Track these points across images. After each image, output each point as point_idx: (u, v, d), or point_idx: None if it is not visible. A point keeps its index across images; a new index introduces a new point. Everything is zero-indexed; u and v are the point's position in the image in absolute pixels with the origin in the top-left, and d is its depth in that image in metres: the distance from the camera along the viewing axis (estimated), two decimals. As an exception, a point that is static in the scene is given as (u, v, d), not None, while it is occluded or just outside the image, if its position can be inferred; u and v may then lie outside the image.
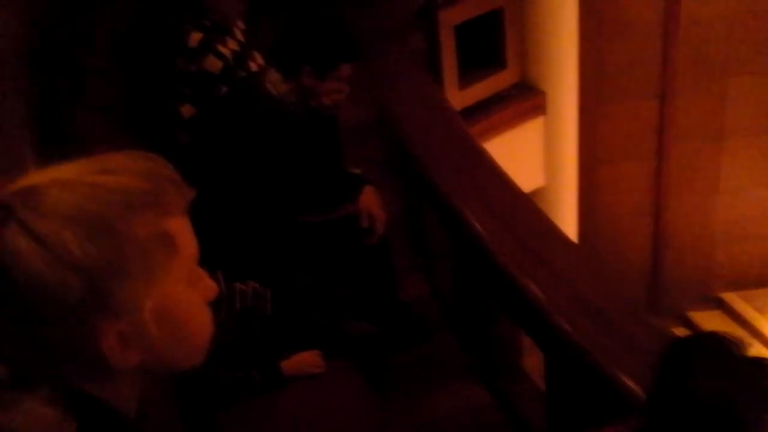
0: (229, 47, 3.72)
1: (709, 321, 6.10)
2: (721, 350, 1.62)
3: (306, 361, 2.86)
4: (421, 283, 3.81)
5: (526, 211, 3.05)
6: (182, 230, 1.07)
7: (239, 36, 3.82)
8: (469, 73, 4.86)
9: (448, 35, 4.63)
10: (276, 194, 3.00)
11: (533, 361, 3.27)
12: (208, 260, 1.16)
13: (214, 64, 3.62)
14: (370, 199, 3.17)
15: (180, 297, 1.07)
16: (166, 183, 1.06)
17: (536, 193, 5.17)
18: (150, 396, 1.17)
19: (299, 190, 3.06)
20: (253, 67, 3.80)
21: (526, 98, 5.13)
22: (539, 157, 5.25)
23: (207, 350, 1.13)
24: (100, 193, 1.00)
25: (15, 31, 2.85)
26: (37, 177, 1.02)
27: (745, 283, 6.30)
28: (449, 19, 4.64)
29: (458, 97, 4.70)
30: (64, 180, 1.01)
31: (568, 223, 5.45)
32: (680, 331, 4.96)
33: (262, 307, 2.78)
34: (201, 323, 1.12)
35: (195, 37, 3.60)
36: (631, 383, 2.20)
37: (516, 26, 5.04)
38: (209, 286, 1.13)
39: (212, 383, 2.68)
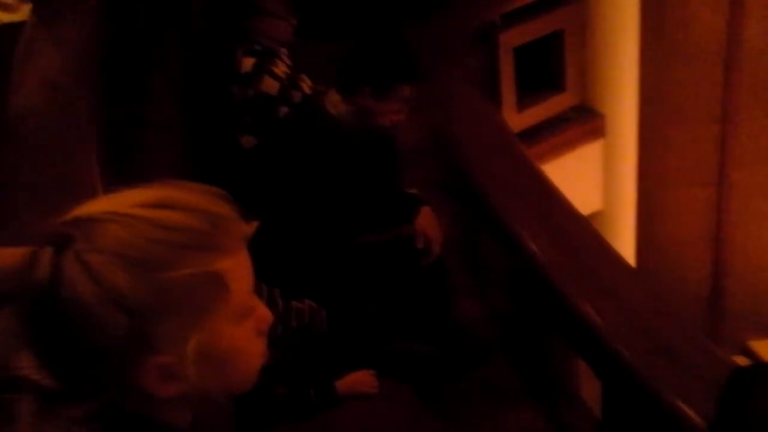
0: (281, 69, 3.77)
1: (770, 350, 5.98)
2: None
3: (360, 380, 2.86)
4: (477, 306, 3.78)
5: (585, 235, 3.02)
6: (236, 268, 1.06)
7: (286, 59, 3.87)
8: (527, 95, 4.85)
9: (507, 57, 4.62)
10: (334, 214, 3.01)
11: (590, 389, 3.23)
12: (265, 277, 1.16)
13: (271, 84, 3.66)
14: (426, 220, 3.16)
15: (227, 333, 1.06)
16: (224, 222, 1.05)
17: (594, 216, 5.12)
18: (205, 409, 1.17)
19: (357, 211, 3.07)
20: (305, 88, 3.85)
21: (585, 121, 5.09)
22: (597, 181, 5.20)
23: (256, 376, 1.12)
24: (155, 231, 1.00)
25: (88, 51, 2.91)
26: (99, 207, 1.03)
27: (807, 312, 6.16)
28: (509, 41, 4.63)
29: (516, 120, 4.68)
30: (123, 214, 1.01)
31: (626, 248, 5.38)
32: (740, 360, 4.86)
33: (318, 325, 2.78)
34: (249, 356, 1.11)
35: (247, 63, 3.66)
36: (691, 412, 2.16)
37: (576, 49, 5.01)
38: (263, 317, 1.11)
39: (267, 400, 2.69)
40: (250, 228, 1.08)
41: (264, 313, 1.11)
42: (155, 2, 4.59)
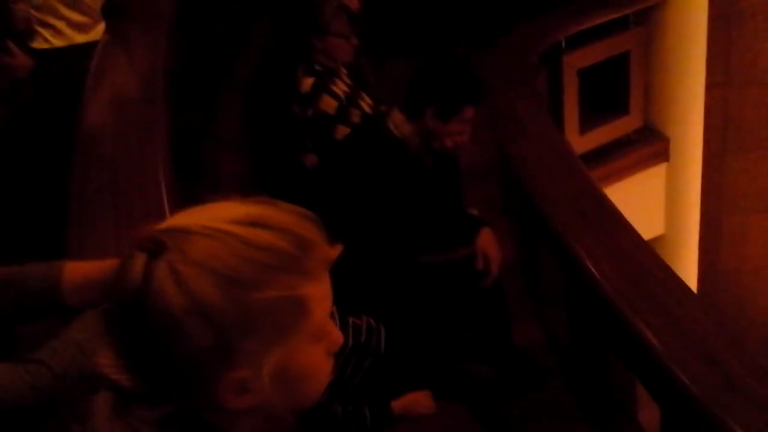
0: (340, 88, 3.82)
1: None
2: None
3: (417, 401, 2.85)
4: (536, 328, 3.77)
5: (646, 260, 2.99)
6: (319, 293, 1.08)
7: (346, 78, 3.91)
8: (591, 117, 4.84)
9: (571, 79, 4.62)
10: (395, 234, 3.03)
11: (649, 414, 3.19)
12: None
13: (329, 103, 3.71)
14: (486, 242, 3.16)
15: (302, 354, 1.08)
16: (313, 246, 1.07)
17: (656, 241, 5.07)
18: (271, 424, 1.20)
19: (418, 231, 3.09)
20: (364, 107, 3.89)
21: (649, 144, 5.06)
22: (660, 205, 5.15)
23: (322, 395, 1.15)
24: (247, 249, 1.02)
25: (160, 68, 2.98)
26: (193, 219, 1.06)
27: None
28: (573, 63, 4.63)
29: (579, 142, 4.67)
30: (216, 228, 1.03)
31: (688, 274, 5.31)
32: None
33: (375, 343, 2.80)
34: (319, 375, 1.13)
35: (307, 82, 3.71)
36: (752, 441, 2.13)
37: (641, 71, 4.99)
38: (335, 339, 1.13)
39: (324, 417, 2.71)
40: (335, 252, 1.10)
41: (337, 336, 1.14)
42: (228, 21, 4.70)
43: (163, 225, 1.06)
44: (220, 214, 1.06)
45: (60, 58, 3.71)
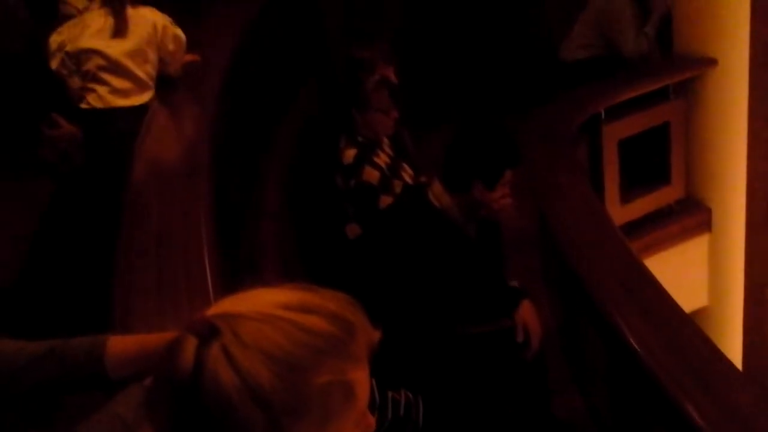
0: (382, 159, 3.87)
1: None
2: None
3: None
4: (578, 399, 3.73)
5: (688, 333, 2.96)
6: (363, 378, 1.10)
7: (387, 149, 3.96)
8: (632, 187, 4.83)
9: (611, 149, 4.63)
10: (436, 304, 3.03)
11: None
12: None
13: (371, 174, 3.76)
14: (527, 314, 3.15)
15: None
16: (357, 331, 1.10)
17: (698, 313, 5.01)
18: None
19: (459, 302, 3.09)
20: (406, 177, 3.94)
21: (691, 214, 5.03)
22: (703, 277, 5.10)
23: None
24: (299, 334, 1.05)
25: (206, 138, 3.05)
26: (245, 305, 1.08)
27: None
28: (614, 133, 4.65)
29: (620, 212, 4.66)
30: (268, 313, 1.06)
31: (732, 347, 5.22)
32: None
33: (414, 417, 2.79)
34: None
35: (350, 153, 3.78)
36: None
37: (682, 141, 4.99)
38: (370, 424, 1.15)
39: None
40: (376, 336, 1.13)
41: (371, 421, 1.16)
42: (272, 92, 4.80)
43: (214, 310, 1.09)
44: (269, 300, 1.09)
45: (101, 120, 3.80)
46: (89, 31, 3.74)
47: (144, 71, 3.79)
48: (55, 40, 3.76)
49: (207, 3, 5.16)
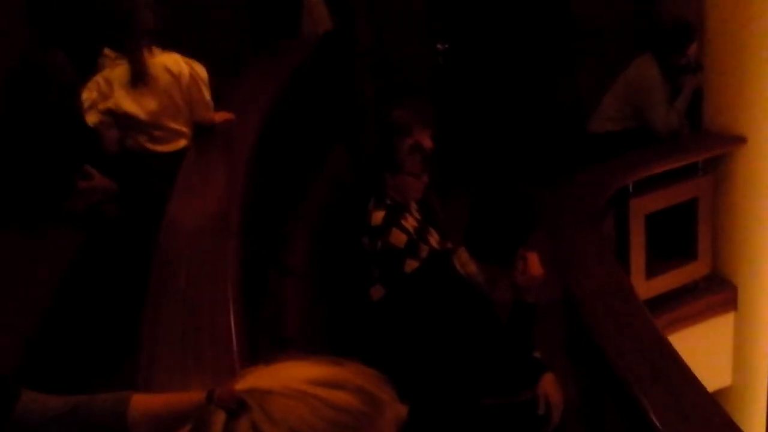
0: (409, 223, 3.89)
1: None
2: None
3: None
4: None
5: (712, 413, 2.93)
6: None
7: (416, 213, 3.98)
8: (658, 261, 4.81)
9: (638, 223, 4.63)
10: (457, 374, 3.02)
11: None
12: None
13: (399, 237, 3.77)
14: (548, 387, 3.13)
15: None
16: (385, 407, 1.11)
17: (722, 392, 4.94)
18: None
19: (480, 372, 3.08)
20: (432, 242, 3.94)
21: (716, 292, 5.00)
22: (728, 355, 5.04)
23: None
24: (328, 411, 1.06)
25: (235, 196, 3.08)
26: (270, 379, 1.09)
27: None
28: (641, 207, 4.65)
29: (645, 286, 4.64)
30: (295, 389, 1.07)
31: (756, 429, 5.14)
32: None
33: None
34: None
35: (378, 216, 3.79)
36: None
37: (709, 217, 4.98)
38: None
39: None
40: (404, 411, 1.13)
41: None
42: (303, 153, 4.86)
43: (242, 384, 1.10)
44: (297, 375, 1.10)
45: (139, 164, 3.90)
46: (117, 87, 3.80)
47: (176, 122, 3.87)
48: (87, 97, 3.82)
49: (242, 63, 5.28)
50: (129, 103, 3.79)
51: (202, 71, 3.93)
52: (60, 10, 4.03)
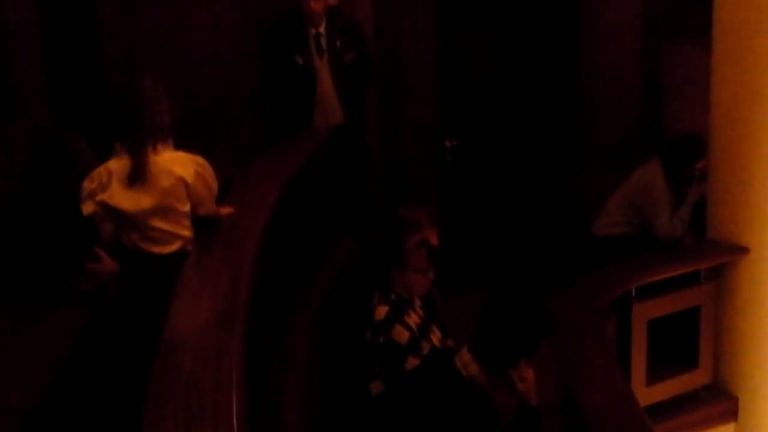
0: (413, 319, 3.91)
1: None
2: None
3: None
4: None
5: None
6: None
7: (419, 310, 4.01)
8: (659, 367, 4.81)
9: (640, 329, 4.64)
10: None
11: None
12: None
13: (401, 334, 3.80)
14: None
15: None
16: None
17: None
18: None
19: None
20: (434, 340, 3.96)
21: (717, 402, 4.97)
22: (727, 467, 5.00)
23: None
24: None
25: (238, 292, 3.11)
26: None
27: None
28: (644, 313, 4.67)
29: (646, 393, 4.63)
30: None
31: None
32: None
33: None
34: None
35: (382, 311, 3.83)
36: None
37: (711, 325, 4.98)
38: None
39: None
40: None
41: None
42: (308, 244, 4.89)
43: None
44: None
45: (135, 263, 3.81)
46: (115, 181, 3.68)
47: (170, 224, 3.73)
48: (87, 186, 3.72)
49: (255, 153, 5.36)
50: (123, 199, 3.67)
51: (207, 167, 3.78)
52: (80, 96, 4.12)
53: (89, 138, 4.25)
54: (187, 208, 3.75)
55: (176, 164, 3.70)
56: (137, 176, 3.64)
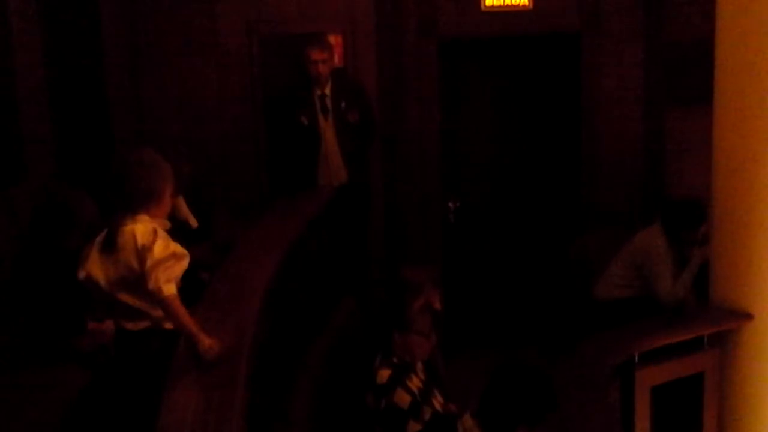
0: (414, 383, 3.89)
1: None
2: None
3: None
4: None
5: None
6: None
7: (421, 374, 3.99)
8: (662, 428, 4.75)
9: (643, 396, 4.60)
10: None
11: None
12: None
13: (403, 398, 3.78)
14: None
15: None
16: None
17: None
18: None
19: None
20: (436, 404, 3.94)
21: (721, 470, 4.91)
22: None
23: None
24: None
25: (244, 354, 3.10)
26: None
27: None
28: (647, 379, 4.63)
29: (650, 462, 4.57)
30: None
31: None
32: None
33: None
34: None
35: (384, 374, 3.81)
36: None
37: (715, 392, 4.94)
38: None
39: None
40: None
41: None
42: (310, 305, 4.88)
43: None
44: None
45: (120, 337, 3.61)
46: (95, 249, 3.50)
47: (137, 299, 3.46)
48: (85, 252, 3.54)
49: (260, 211, 5.38)
50: (95, 268, 3.47)
51: (159, 240, 3.40)
52: (87, 152, 4.14)
53: (96, 194, 4.24)
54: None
55: (137, 229, 3.43)
56: (108, 245, 3.45)
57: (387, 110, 6.70)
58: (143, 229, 3.41)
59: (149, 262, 3.33)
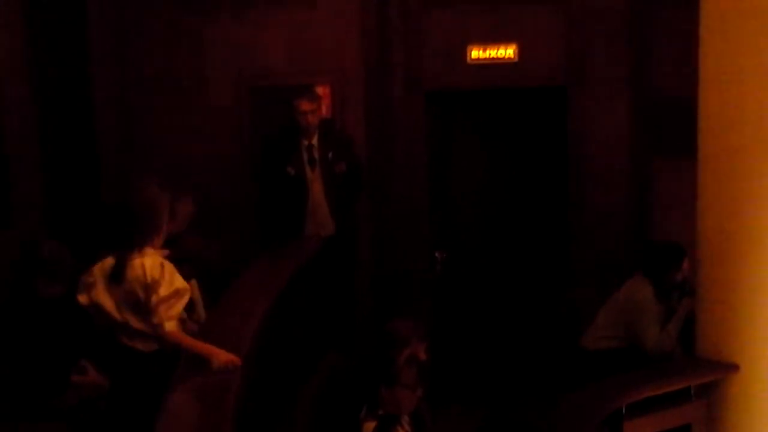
0: None
1: None
2: None
3: None
4: None
5: None
6: None
7: (407, 426, 3.98)
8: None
9: (632, 447, 4.58)
10: None
11: None
12: None
13: None
14: None
15: None
16: None
17: None
18: None
19: None
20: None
21: None
22: None
23: None
24: None
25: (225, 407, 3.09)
26: None
27: None
28: (635, 430, 4.61)
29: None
30: None
31: None
32: None
33: None
34: None
35: (369, 426, 3.83)
36: None
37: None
38: None
39: None
40: None
41: None
42: (294, 358, 4.86)
43: None
44: None
45: (125, 357, 3.77)
46: (100, 277, 3.73)
47: (138, 323, 3.70)
48: (85, 280, 3.76)
49: (247, 261, 5.37)
50: (102, 296, 3.70)
51: (168, 280, 3.69)
52: (74, 205, 4.15)
53: (79, 246, 4.27)
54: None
55: (146, 263, 3.70)
56: (115, 277, 3.70)
57: (375, 161, 6.73)
58: (151, 263, 3.68)
59: (154, 299, 3.62)
